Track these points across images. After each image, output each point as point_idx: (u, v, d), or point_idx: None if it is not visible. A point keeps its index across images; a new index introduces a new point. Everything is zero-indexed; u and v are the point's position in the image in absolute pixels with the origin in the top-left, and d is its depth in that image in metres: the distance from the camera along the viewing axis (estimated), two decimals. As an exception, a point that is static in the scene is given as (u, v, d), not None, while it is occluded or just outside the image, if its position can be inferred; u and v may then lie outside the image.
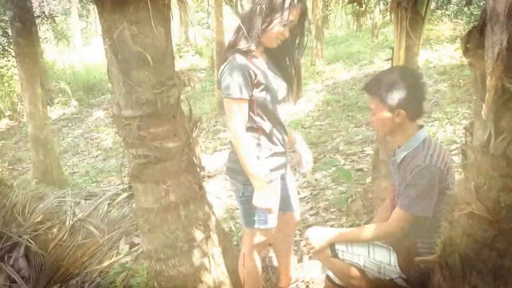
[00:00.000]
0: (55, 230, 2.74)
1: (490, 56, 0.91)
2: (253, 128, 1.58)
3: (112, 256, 2.58)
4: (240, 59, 1.50)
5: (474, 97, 1.11)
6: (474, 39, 1.05)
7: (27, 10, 4.64)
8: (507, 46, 0.89)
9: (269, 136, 1.60)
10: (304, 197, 3.13)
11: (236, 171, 1.60)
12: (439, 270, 1.28)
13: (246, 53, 1.51)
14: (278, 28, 1.49)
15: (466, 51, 1.08)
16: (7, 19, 4.70)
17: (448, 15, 9.77)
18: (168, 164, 1.68)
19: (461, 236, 1.17)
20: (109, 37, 1.47)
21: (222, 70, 1.53)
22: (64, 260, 2.57)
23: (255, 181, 1.52)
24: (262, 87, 1.52)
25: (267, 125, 1.58)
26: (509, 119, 0.99)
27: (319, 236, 1.62)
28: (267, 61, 1.63)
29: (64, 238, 2.68)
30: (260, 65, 1.56)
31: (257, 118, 1.56)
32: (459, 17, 9.45)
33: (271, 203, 1.55)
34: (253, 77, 1.50)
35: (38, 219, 2.80)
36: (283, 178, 1.74)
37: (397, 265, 1.54)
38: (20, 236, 2.64)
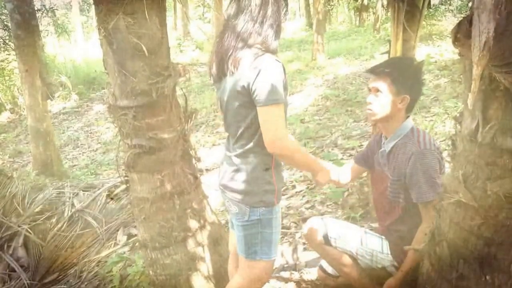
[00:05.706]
0: (53, 220, 2.78)
1: (477, 45, 0.92)
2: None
3: (110, 246, 2.61)
4: (277, 60, 1.24)
5: (464, 87, 1.12)
6: (464, 29, 1.05)
7: (26, 3, 4.63)
8: (494, 35, 0.89)
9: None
10: (300, 191, 3.14)
11: (244, 191, 1.36)
12: (428, 259, 1.30)
13: (274, 52, 1.27)
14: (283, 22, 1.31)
15: (456, 41, 1.09)
16: (8, 12, 4.71)
17: (452, 11, 9.68)
18: (163, 154, 1.70)
19: (448, 224, 1.19)
20: (104, 27, 1.48)
21: (258, 75, 1.20)
22: (62, 250, 2.60)
23: (315, 165, 1.46)
24: (286, 91, 1.30)
25: None
26: (496, 108, 1.00)
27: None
28: None
29: (63, 228, 2.71)
30: None
31: None
32: (463, 12, 9.35)
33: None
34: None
35: (37, 210, 2.83)
36: None
37: (389, 253, 1.56)
38: (19, 226, 2.67)
